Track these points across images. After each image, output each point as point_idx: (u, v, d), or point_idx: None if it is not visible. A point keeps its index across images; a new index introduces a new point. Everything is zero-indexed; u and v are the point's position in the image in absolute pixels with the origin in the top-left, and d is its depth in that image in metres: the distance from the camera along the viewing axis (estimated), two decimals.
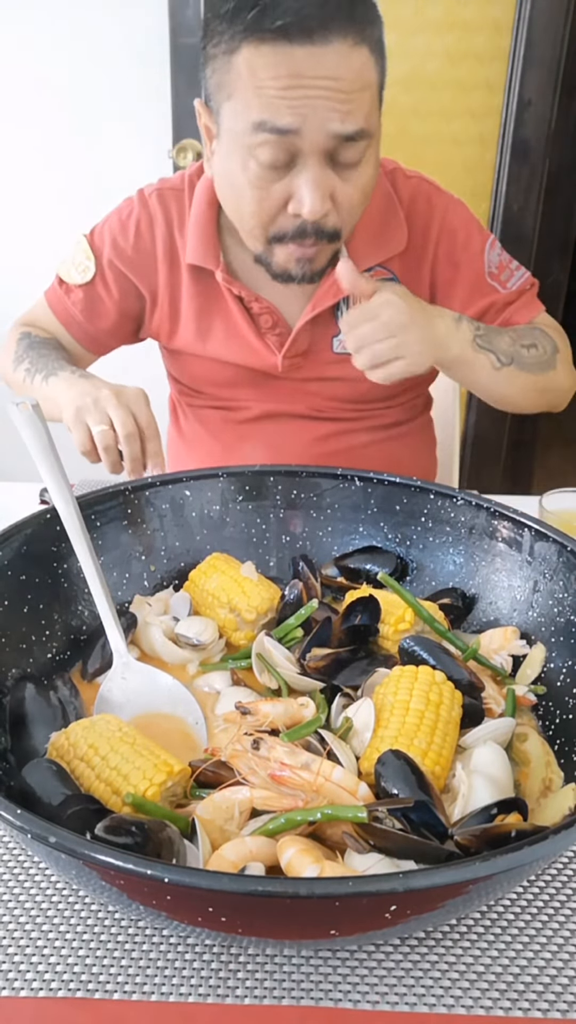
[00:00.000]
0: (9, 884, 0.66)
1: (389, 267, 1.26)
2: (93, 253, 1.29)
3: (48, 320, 1.34)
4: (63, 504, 0.82)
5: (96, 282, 1.30)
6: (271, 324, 1.26)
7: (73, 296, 1.31)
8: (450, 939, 0.63)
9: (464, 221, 1.29)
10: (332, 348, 1.29)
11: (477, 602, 0.91)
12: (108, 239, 1.29)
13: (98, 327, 1.32)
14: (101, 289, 1.30)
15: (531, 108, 2.19)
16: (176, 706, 0.80)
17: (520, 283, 1.32)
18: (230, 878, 0.47)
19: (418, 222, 1.26)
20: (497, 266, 1.30)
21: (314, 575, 0.93)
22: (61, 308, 1.32)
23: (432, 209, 1.27)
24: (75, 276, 1.30)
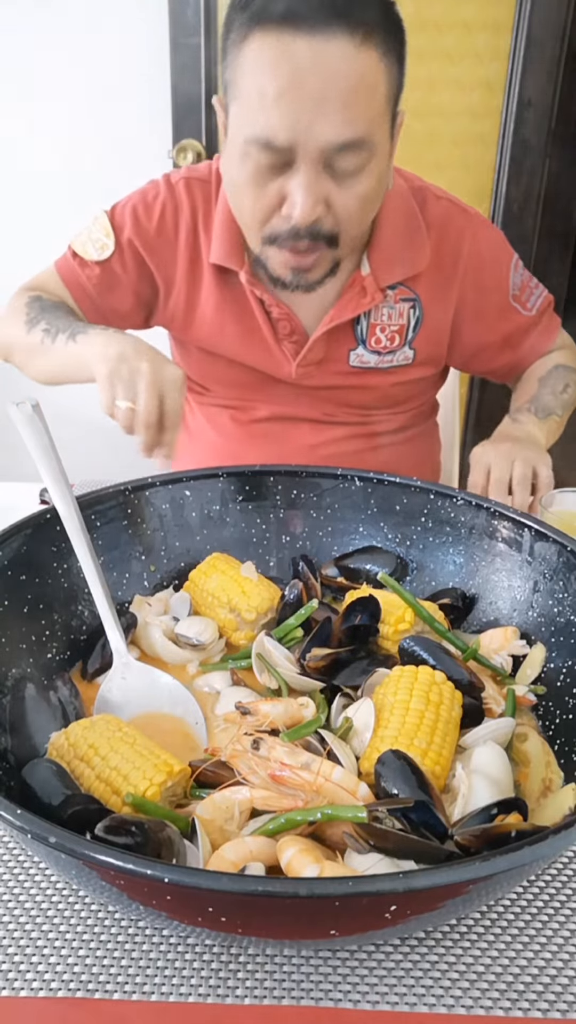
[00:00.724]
0: (9, 884, 0.66)
1: (413, 287, 1.25)
2: (113, 230, 1.25)
3: (57, 289, 1.29)
4: (63, 504, 0.82)
5: (113, 260, 1.26)
6: (289, 331, 1.25)
7: (88, 271, 1.26)
8: (450, 939, 0.63)
9: (492, 246, 1.30)
10: (348, 361, 1.28)
11: (477, 602, 0.91)
12: (130, 219, 1.25)
13: (110, 306, 1.28)
14: (118, 268, 1.26)
15: (531, 108, 2.19)
16: (176, 706, 0.80)
17: (540, 302, 1.35)
18: (230, 878, 0.47)
19: (446, 247, 1.25)
20: (520, 287, 1.32)
21: (314, 575, 0.93)
22: (73, 280, 1.27)
23: (461, 234, 1.26)
24: (92, 252, 1.26)
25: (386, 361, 1.28)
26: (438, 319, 1.29)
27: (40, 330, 1.19)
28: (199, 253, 1.25)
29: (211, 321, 1.27)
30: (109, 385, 1.00)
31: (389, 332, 1.26)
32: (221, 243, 1.21)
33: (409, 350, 1.29)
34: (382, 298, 1.23)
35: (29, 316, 1.22)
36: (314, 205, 1.03)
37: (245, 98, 1.00)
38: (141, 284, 1.28)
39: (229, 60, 1.02)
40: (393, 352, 1.28)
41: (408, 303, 1.26)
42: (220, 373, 1.32)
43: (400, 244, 1.22)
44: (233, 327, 1.26)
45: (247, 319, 1.25)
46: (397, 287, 1.24)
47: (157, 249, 1.25)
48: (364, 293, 1.22)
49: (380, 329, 1.26)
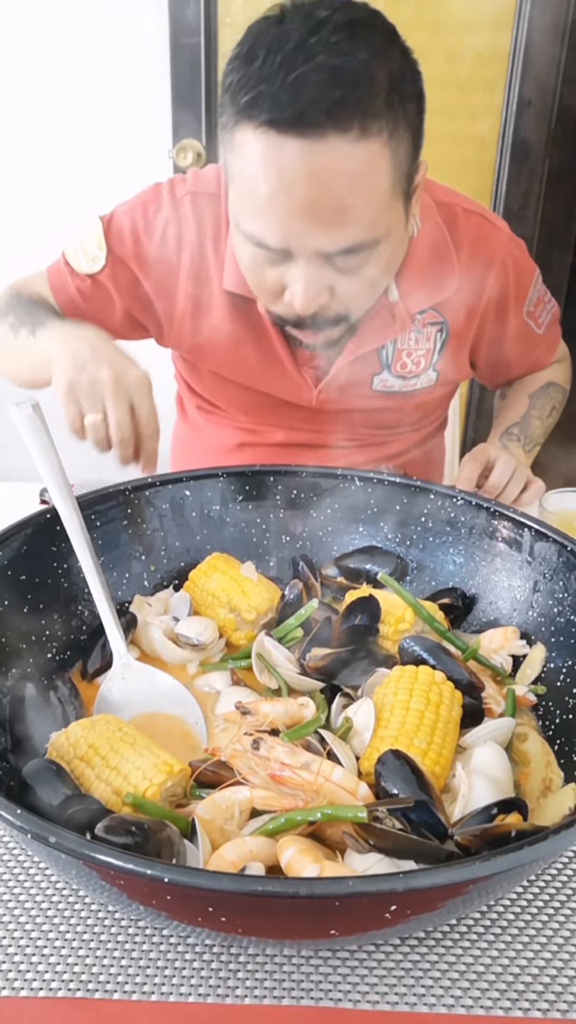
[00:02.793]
0: (9, 884, 0.66)
1: (440, 310, 1.19)
2: (107, 242, 1.16)
3: (44, 293, 1.21)
4: (63, 504, 0.82)
5: (104, 275, 1.17)
6: (309, 357, 1.18)
7: (78, 281, 1.19)
8: (450, 939, 0.63)
9: (520, 264, 1.24)
10: (372, 386, 1.21)
11: (477, 602, 0.91)
12: (128, 235, 1.16)
13: (96, 319, 1.18)
14: (108, 284, 1.18)
15: (531, 108, 2.19)
16: (176, 706, 0.80)
17: (549, 319, 1.31)
18: (230, 878, 0.47)
19: (476, 265, 1.19)
20: (535, 303, 1.28)
21: (314, 575, 0.93)
22: (62, 289, 1.20)
23: (493, 253, 1.20)
24: (82, 264, 1.18)
25: (410, 385, 1.23)
26: (463, 336, 1.24)
27: (7, 324, 1.12)
28: (207, 277, 1.16)
29: (225, 347, 1.19)
30: (70, 399, 0.94)
31: (415, 357, 1.21)
32: (233, 271, 1.11)
33: (433, 372, 1.24)
34: (412, 324, 1.17)
35: (2, 309, 1.16)
36: (315, 297, 0.96)
37: (238, 188, 0.94)
38: (133, 304, 1.19)
39: (222, 137, 0.95)
40: (417, 376, 1.23)
41: (436, 326, 1.20)
42: (234, 396, 1.26)
43: (429, 269, 1.15)
44: (250, 353, 1.19)
45: (265, 346, 1.18)
46: (426, 311, 1.18)
47: (155, 274, 1.17)
48: (393, 320, 1.15)
49: (407, 354, 1.20)
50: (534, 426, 1.28)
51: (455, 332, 1.22)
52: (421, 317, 1.18)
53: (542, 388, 1.32)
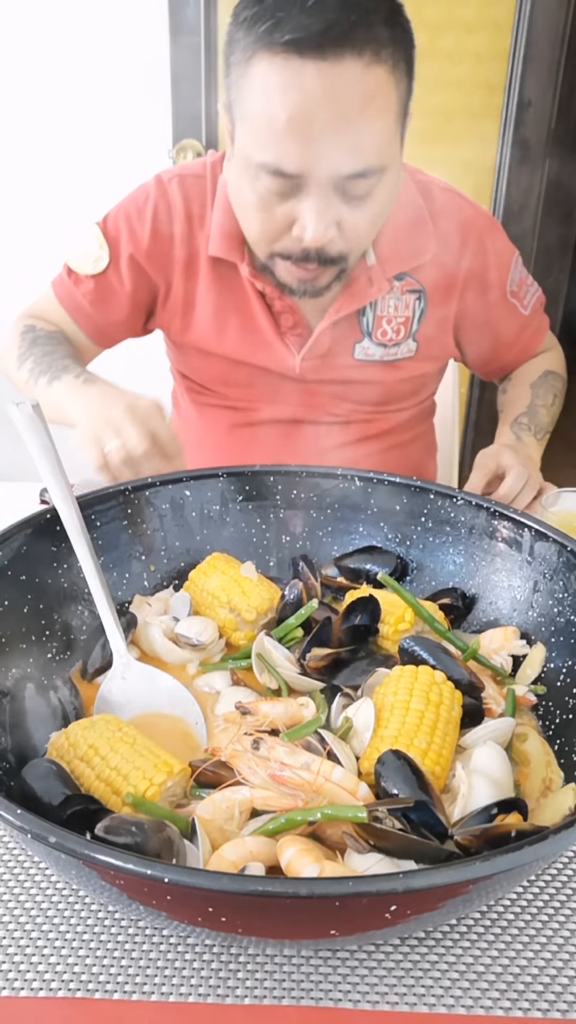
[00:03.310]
0: (9, 884, 0.66)
1: (418, 277, 1.24)
2: (107, 242, 1.24)
3: (55, 312, 1.29)
4: (63, 504, 0.82)
5: (109, 272, 1.24)
6: (292, 324, 1.23)
7: (83, 287, 1.25)
8: (450, 939, 0.63)
9: (495, 238, 1.30)
10: (353, 354, 1.26)
11: (477, 602, 0.91)
12: (124, 228, 1.23)
13: (108, 319, 1.28)
14: (114, 280, 1.25)
15: (531, 108, 2.19)
16: (176, 706, 0.80)
17: (534, 302, 1.35)
18: (230, 878, 0.47)
19: (452, 237, 1.25)
20: (518, 283, 1.32)
21: (314, 575, 0.93)
22: (69, 299, 1.27)
23: (467, 225, 1.26)
24: (87, 266, 1.25)
25: (391, 354, 1.28)
26: (441, 310, 1.28)
27: (27, 369, 1.19)
28: (196, 250, 1.23)
29: (210, 318, 1.25)
30: (93, 444, 0.97)
31: (395, 324, 1.26)
32: (220, 236, 1.19)
33: (413, 342, 1.28)
34: (388, 288, 1.22)
35: (20, 350, 1.22)
36: (326, 229, 1.02)
37: (252, 121, 0.98)
38: (139, 292, 1.26)
39: (234, 78, 0.99)
40: (398, 345, 1.27)
41: (414, 294, 1.25)
42: (220, 373, 1.30)
43: (405, 234, 1.21)
44: (233, 323, 1.24)
45: (247, 314, 1.23)
46: (404, 278, 1.23)
47: (153, 253, 1.24)
48: (370, 283, 1.21)
49: (386, 321, 1.25)
50: (541, 414, 1.30)
51: (433, 301, 1.26)
52: (399, 284, 1.23)
53: (541, 377, 1.34)
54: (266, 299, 1.22)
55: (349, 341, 1.26)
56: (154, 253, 1.24)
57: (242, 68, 0.97)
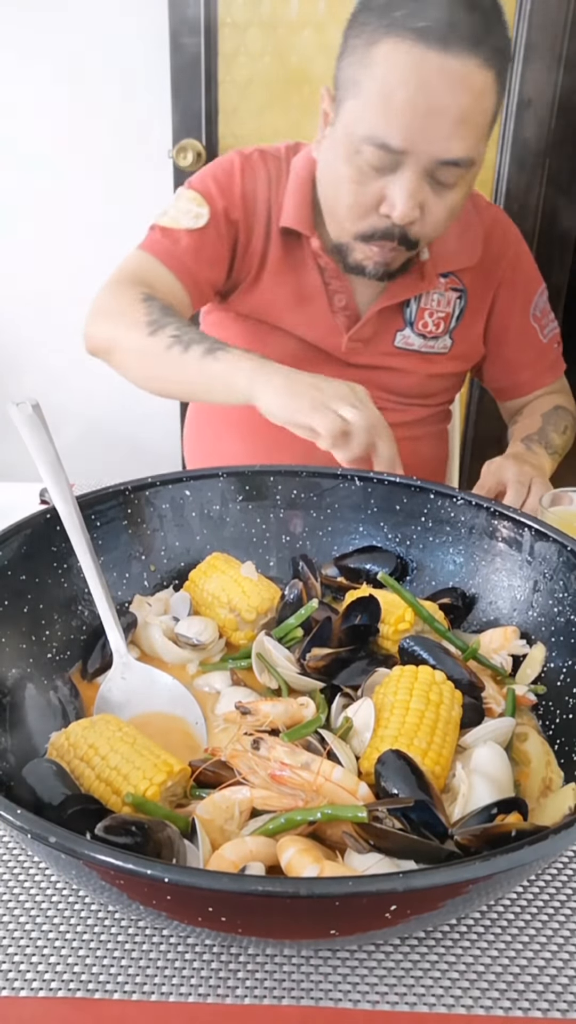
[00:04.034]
0: (9, 884, 0.66)
1: (461, 278, 1.34)
2: (205, 201, 1.27)
3: (157, 274, 1.25)
4: (63, 504, 0.82)
5: (209, 228, 1.27)
6: (344, 304, 1.30)
7: (183, 243, 1.26)
8: (450, 939, 0.63)
9: (529, 259, 1.41)
10: (394, 341, 1.34)
11: (477, 602, 0.91)
12: (215, 188, 1.28)
13: (206, 275, 1.29)
14: (213, 235, 1.27)
15: (531, 108, 2.19)
16: (176, 706, 0.80)
17: (552, 335, 1.44)
18: (230, 878, 0.47)
19: (493, 247, 1.36)
20: (541, 311, 1.42)
21: (314, 575, 0.93)
22: (170, 256, 1.26)
23: (507, 238, 1.38)
24: (186, 222, 1.27)
25: (428, 346, 1.36)
26: (478, 314, 1.37)
27: (168, 336, 1.11)
28: (271, 218, 1.29)
29: (272, 287, 1.30)
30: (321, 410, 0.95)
31: (436, 318, 1.34)
32: (294, 208, 1.26)
33: (449, 339, 1.37)
34: (436, 284, 1.32)
35: (151, 317, 1.14)
36: (413, 208, 1.10)
37: (367, 97, 1.06)
38: (231, 251, 1.30)
39: (354, 57, 1.07)
40: (436, 338, 1.36)
41: (456, 292, 1.34)
42: (268, 343, 1.33)
43: (458, 236, 1.30)
44: (291, 294, 1.30)
45: (308, 287, 1.30)
46: (449, 276, 1.33)
47: (244, 211, 1.29)
48: (421, 277, 1.30)
49: (428, 314, 1.34)
50: (552, 436, 1.35)
51: (472, 303, 1.36)
52: (444, 281, 1.33)
53: (552, 410, 1.40)
54: (324, 277, 1.29)
55: (392, 329, 1.34)
56: (245, 212, 1.29)
57: (366, 48, 1.05)
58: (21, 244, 2.37)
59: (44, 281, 2.39)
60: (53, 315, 2.40)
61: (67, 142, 2.25)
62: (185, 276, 1.26)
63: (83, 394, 2.45)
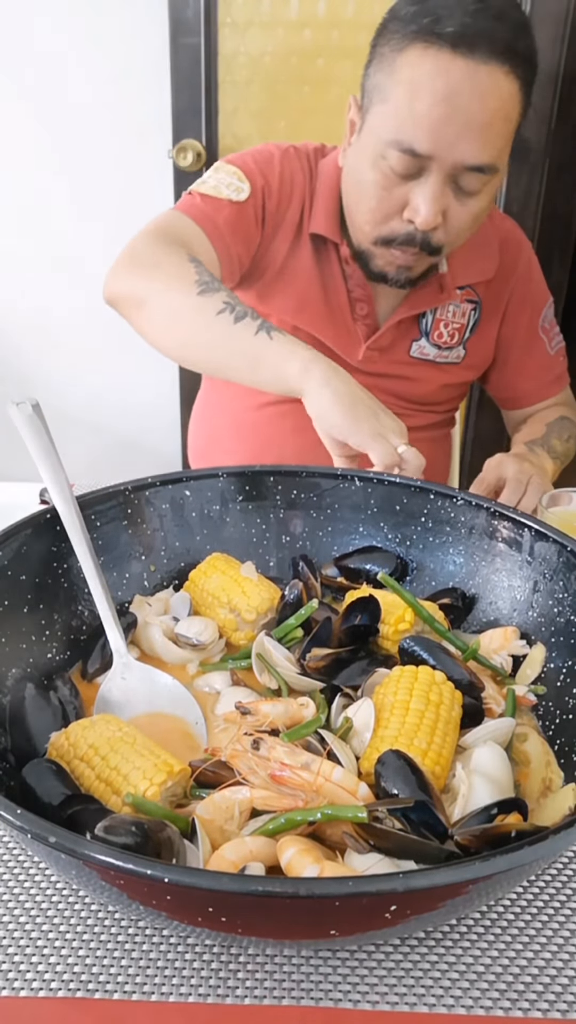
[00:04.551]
0: (9, 884, 0.66)
1: (477, 290, 1.37)
2: (246, 177, 1.26)
3: (194, 235, 1.19)
4: (63, 504, 0.82)
5: (248, 203, 1.25)
6: (365, 313, 1.31)
7: (224, 212, 1.22)
8: (450, 939, 0.63)
9: (538, 272, 1.43)
10: (409, 351, 1.36)
11: (477, 602, 0.91)
12: (257, 169, 1.27)
13: (238, 251, 1.24)
14: (250, 213, 1.25)
15: (531, 108, 2.18)
16: (176, 706, 0.80)
17: (558, 348, 1.46)
18: (230, 878, 0.47)
19: (507, 259, 1.38)
20: (549, 323, 1.44)
21: (314, 575, 0.93)
22: (209, 222, 1.20)
23: (520, 251, 1.40)
24: (228, 193, 1.24)
25: (442, 356, 1.38)
26: (491, 325, 1.39)
27: (220, 300, 1.06)
28: (303, 220, 1.30)
29: (298, 287, 1.31)
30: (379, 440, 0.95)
31: (451, 329, 1.37)
32: (324, 215, 1.27)
33: (463, 349, 1.39)
34: (455, 295, 1.34)
35: (201, 279, 1.08)
36: (436, 215, 1.11)
37: (394, 103, 1.07)
38: (260, 234, 1.28)
39: (381, 65, 1.09)
40: (450, 348, 1.38)
41: (471, 304, 1.37)
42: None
43: (475, 250, 1.33)
44: (316, 298, 1.31)
45: (332, 293, 1.31)
46: (465, 288, 1.35)
47: (277, 202, 1.28)
48: (441, 289, 1.32)
49: (444, 325, 1.36)
50: (554, 443, 1.36)
51: (486, 314, 1.38)
52: (461, 293, 1.35)
53: (557, 420, 1.42)
54: (348, 284, 1.30)
55: (408, 339, 1.36)
56: (278, 203, 1.28)
57: (393, 55, 1.07)
58: (21, 244, 2.37)
59: (44, 281, 2.39)
60: (53, 315, 2.40)
61: (67, 142, 2.25)
62: (221, 246, 1.21)
63: (83, 394, 2.45)
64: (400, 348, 1.35)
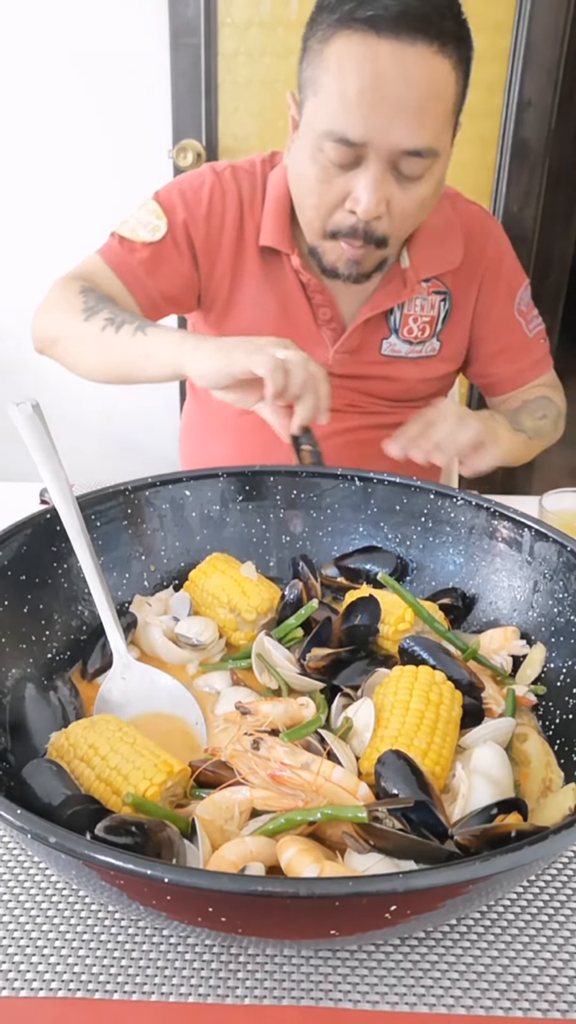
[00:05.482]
0: (9, 884, 0.66)
1: (444, 281, 1.33)
2: (164, 213, 1.27)
3: (105, 278, 1.26)
4: (63, 504, 0.82)
5: (166, 241, 1.26)
6: (329, 317, 1.30)
7: (138, 254, 1.26)
8: (450, 939, 0.63)
9: (510, 253, 1.39)
10: (380, 350, 1.33)
11: (477, 602, 0.91)
12: (179, 201, 1.27)
13: (160, 289, 1.28)
14: (170, 249, 1.26)
15: (531, 108, 2.19)
16: (176, 706, 0.80)
17: (537, 331, 1.42)
18: (230, 878, 0.47)
19: (473, 245, 1.34)
20: (526, 306, 1.41)
21: (314, 575, 0.93)
22: (123, 266, 1.26)
23: (487, 235, 1.35)
24: (144, 234, 1.26)
25: (415, 351, 1.35)
26: (463, 314, 1.36)
27: (102, 319, 1.15)
28: (244, 237, 1.28)
29: (253, 306, 1.30)
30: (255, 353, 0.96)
31: (421, 323, 1.33)
32: (272, 227, 1.25)
33: (436, 342, 1.36)
34: (419, 290, 1.31)
35: (86, 305, 1.18)
36: (378, 203, 1.08)
37: (325, 94, 1.05)
38: (191, 266, 1.28)
39: (311, 58, 1.07)
40: (423, 343, 1.35)
41: (439, 295, 1.33)
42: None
43: (437, 241, 1.30)
44: (274, 313, 1.30)
45: (290, 303, 1.29)
46: (431, 280, 1.32)
47: (207, 233, 1.27)
48: (404, 284, 1.29)
49: (413, 319, 1.33)
50: (522, 418, 1.32)
51: (457, 304, 1.35)
52: (426, 285, 1.31)
53: (537, 399, 1.38)
54: (307, 291, 1.28)
55: (377, 337, 1.33)
56: (207, 233, 1.27)
57: (320, 47, 1.05)
58: (20, 244, 2.37)
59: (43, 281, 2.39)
60: None
61: (67, 142, 2.25)
62: (136, 288, 1.27)
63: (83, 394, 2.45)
64: (370, 348, 1.33)
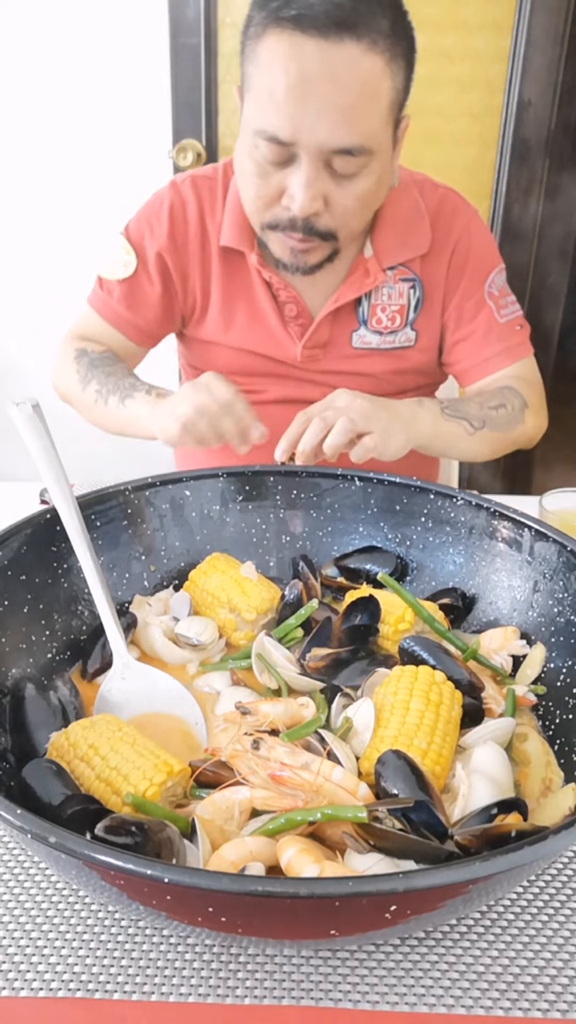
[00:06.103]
0: (9, 884, 0.66)
1: (411, 267, 1.31)
2: (132, 247, 1.31)
3: (98, 327, 1.35)
4: (63, 504, 0.82)
5: (139, 274, 1.30)
6: (295, 313, 1.29)
7: (116, 293, 1.32)
8: (450, 939, 0.63)
9: (481, 235, 1.35)
10: (351, 343, 1.32)
11: (477, 602, 0.91)
12: (146, 230, 1.30)
13: (145, 319, 1.33)
14: (144, 281, 1.31)
15: (531, 108, 2.19)
16: (176, 706, 0.80)
17: (512, 318, 1.35)
18: (230, 878, 0.47)
19: (441, 226, 1.31)
20: (499, 289, 1.35)
21: (314, 575, 0.93)
22: (107, 310, 1.33)
23: (455, 216, 1.32)
24: (118, 272, 1.32)
25: (387, 342, 1.33)
26: (436, 300, 1.33)
27: (92, 391, 1.26)
28: (207, 241, 1.29)
29: (221, 309, 1.31)
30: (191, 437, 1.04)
31: (390, 312, 1.31)
32: (231, 227, 1.26)
33: (411, 331, 1.33)
34: (384, 278, 1.28)
35: (80, 374, 1.29)
36: (312, 200, 1.07)
37: (256, 92, 1.05)
38: (169, 287, 1.32)
39: (247, 54, 1.07)
40: (395, 332, 1.32)
41: (408, 283, 1.30)
42: (229, 364, 1.34)
43: (402, 229, 1.27)
44: (241, 312, 1.30)
45: (254, 302, 1.30)
46: (397, 267, 1.29)
47: (173, 249, 1.30)
48: (367, 274, 1.27)
49: (381, 309, 1.31)
50: (469, 408, 1.23)
51: (429, 291, 1.32)
52: (392, 273, 1.29)
53: (498, 388, 1.31)
54: (272, 288, 1.28)
55: (347, 330, 1.31)
56: (173, 248, 1.30)
57: (254, 44, 1.04)
58: (20, 245, 2.37)
59: (43, 281, 2.39)
60: (53, 316, 2.40)
61: (67, 142, 2.25)
62: (125, 327, 1.34)
63: None
64: (340, 341, 1.31)
